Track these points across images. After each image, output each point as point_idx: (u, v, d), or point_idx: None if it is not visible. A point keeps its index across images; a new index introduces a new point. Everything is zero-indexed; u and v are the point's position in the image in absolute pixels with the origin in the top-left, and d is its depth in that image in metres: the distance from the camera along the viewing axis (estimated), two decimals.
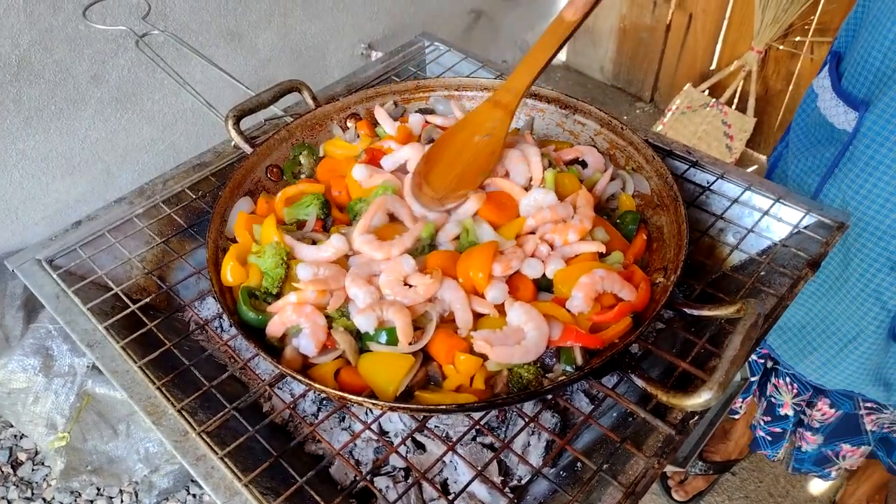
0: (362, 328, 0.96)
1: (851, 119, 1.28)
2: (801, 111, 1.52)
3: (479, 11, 3.36)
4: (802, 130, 1.48)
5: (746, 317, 0.86)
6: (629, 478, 0.89)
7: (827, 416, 1.77)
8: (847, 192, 1.30)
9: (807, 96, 1.50)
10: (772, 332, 1.63)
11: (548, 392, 0.91)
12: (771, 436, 1.97)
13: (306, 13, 2.45)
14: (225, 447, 0.92)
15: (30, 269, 1.19)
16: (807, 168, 1.41)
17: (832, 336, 1.50)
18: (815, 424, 1.81)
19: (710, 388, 0.80)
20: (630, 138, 1.23)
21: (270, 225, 1.07)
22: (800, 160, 1.44)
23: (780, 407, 1.85)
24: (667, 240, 1.10)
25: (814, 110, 1.43)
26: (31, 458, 2.36)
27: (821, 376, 1.58)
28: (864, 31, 1.25)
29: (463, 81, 1.39)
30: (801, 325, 1.55)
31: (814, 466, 1.91)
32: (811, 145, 1.42)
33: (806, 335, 1.55)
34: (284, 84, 1.31)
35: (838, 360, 1.52)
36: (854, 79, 1.29)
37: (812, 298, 1.49)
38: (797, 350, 1.59)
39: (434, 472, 1.09)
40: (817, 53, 3.03)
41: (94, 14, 1.78)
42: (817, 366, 1.57)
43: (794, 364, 1.62)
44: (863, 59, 1.25)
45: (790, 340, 1.60)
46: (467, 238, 1.07)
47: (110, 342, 1.06)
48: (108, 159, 2.14)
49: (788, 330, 1.59)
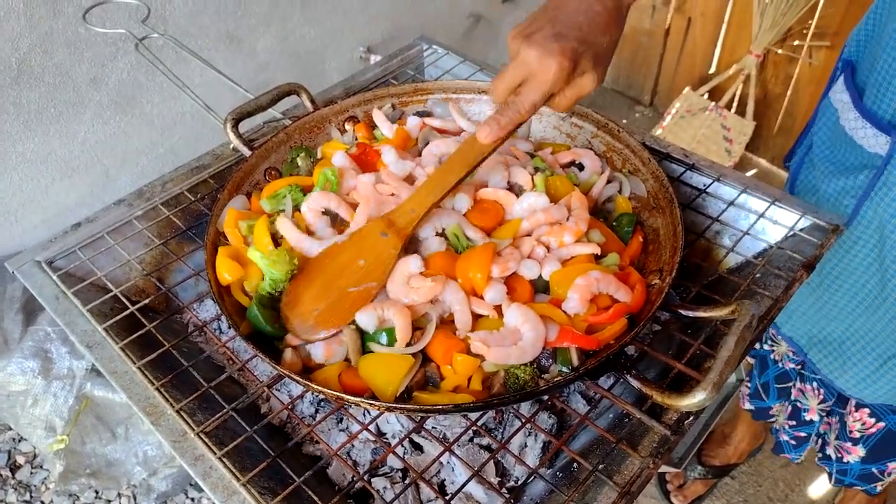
0: (363, 326, 0.97)
1: (883, 143, 1.26)
2: (821, 125, 1.49)
3: (478, 15, 3.37)
4: (828, 148, 1.45)
5: (740, 318, 0.86)
6: (624, 478, 0.90)
7: (868, 427, 1.76)
8: (883, 216, 1.30)
9: (825, 109, 1.47)
10: (813, 347, 1.64)
11: (544, 392, 0.91)
12: (795, 440, 1.97)
13: (305, 17, 2.46)
14: (223, 447, 0.93)
15: (29, 271, 1.20)
16: (840, 189, 1.40)
17: (872, 352, 1.50)
18: (855, 434, 1.79)
19: (704, 389, 0.80)
20: (626, 141, 1.24)
21: (262, 230, 1.07)
22: (831, 180, 1.42)
23: (806, 412, 1.85)
24: (663, 242, 1.11)
25: (836, 126, 1.40)
26: (29, 461, 2.36)
27: (861, 391, 1.58)
28: (884, 51, 1.22)
29: (460, 84, 1.40)
30: (842, 341, 1.55)
31: (858, 481, 1.90)
32: (843, 167, 1.40)
33: (846, 351, 1.56)
34: (283, 87, 1.32)
35: (878, 375, 1.52)
36: (879, 99, 1.26)
37: (852, 316, 1.49)
38: (837, 364, 1.59)
39: (431, 473, 1.10)
40: (816, 57, 3.04)
41: (94, 17, 1.78)
42: (857, 381, 1.57)
43: (835, 378, 1.62)
44: (885, 79, 1.23)
45: (830, 355, 1.60)
46: (459, 243, 1.08)
47: (109, 343, 1.06)
48: (107, 162, 2.14)
49: (829, 345, 1.59)
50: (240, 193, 1.19)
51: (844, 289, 1.46)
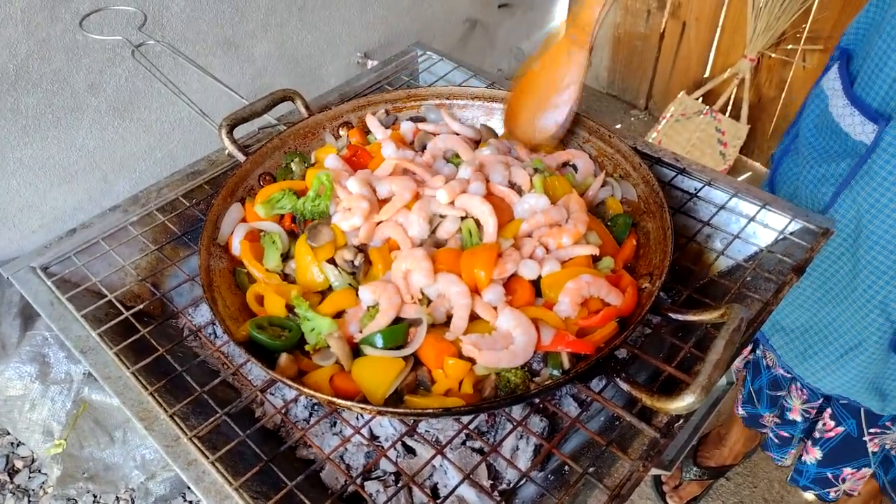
0: (363, 301, 1.01)
1: (869, 131, 1.26)
2: (809, 112, 1.49)
3: (475, 20, 3.39)
4: (813, 135, 1.46)
5: (730, 321, 0.87)
6: (615, 480, 0.90)
7: (828, 429, 1.77)
8: (862, 206, 1.30)
9: (815, 97, 1.47)
10: (775, 333, 1.65)
11: (534, 396, 0.92)
12: (779, 439, 1.97)
13: (302, 23, 2.47)
14: (216, 452, 0.93)
15: (24, 277, 1.20)
16: (820, 177, 1.40)
17: (834, 342, 1.51)
18: (816, 435, 1.81)
19: (693, 392, 0.81)
20: (617, 146, 1.25)
21: (278, 304, 1.06)
22: (813, 167, 1.43)
23: (790, 411, 1.85)
24: (653, 245, 1.12)
25: (825, 113, 1.40)
26: (27, 465, 2.36)
27: (819, 380, 1.59)
28: (881, 38, 1.22)
29: (454, 90, 1.41)
30: (805, 329, 1.56)
31: (812, 484, 1.90)
32: (826, 154, 1.41)
33: (808, 339, 1.57)
34: (277, 93, 1.33)
35: (838, 366, 1.53)
36: (869, 86, 1.27)
37: (818, 304, 1.50)
38: (798, 352, 1.61)
39: (424, 476, 1.10)
40: (809, 61, 3.06)
41: (91, 24, 1.80)
42: (816, 370, 1.58)
43: (794, 366, 1.63)
44: (878, 67, 1.23)
45: (792, 342, 1.62)
46: (471, 239, 1.09)
47: (103, 348, 1.07)
48: (105, 167, 2.15)
49: (792, 332, 1.61)
50: (234, 199, 1.20)
51: (813, 277, 1.46)
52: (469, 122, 1.41)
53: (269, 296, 1.04)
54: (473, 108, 1.41)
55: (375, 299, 1.00)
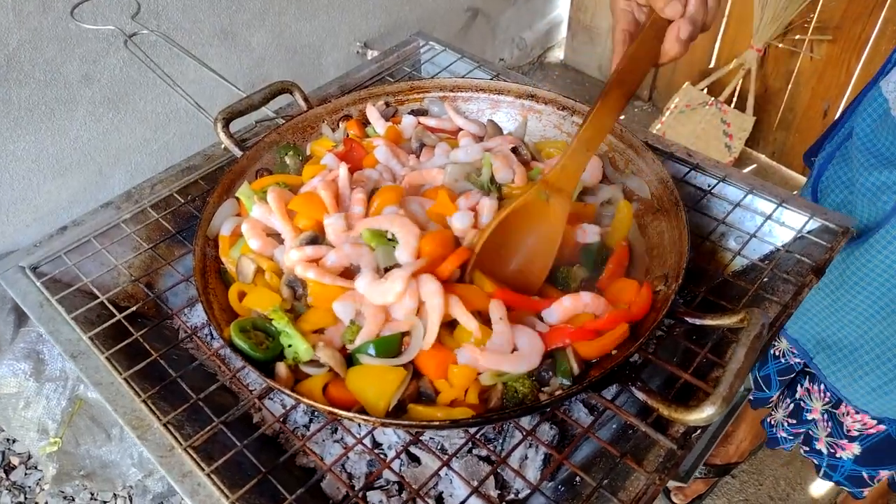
0: (340, 316, 0.95)
1: None
2: (866, 115, 1.40)
3: (476, 9, 3.33)
4: (871, 139, 1.37)
5: (750, 327, 0.83)
6: (630, 495, 0.86)
7: (868, 427, 1.68)
8: None
9: (872, 100, 1.39)
10: (820, 352, 1.57)
11: (544, 407, 0.88)
12: (792, 436, 1.93)
13: (301, 11, 2.42)
14: (212, 463, 0.89)
15: (13, 277, 1.16)
16: (880, 184, 1.32)
17: (888, 363, 1.43)
18: (853, 433, 1.74)
19: (713, 403, 0.77)
20: (629, 140, 1.20)
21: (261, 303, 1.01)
22: (871, 174, 1.34)
23: (809, 412, 1.80)
24: (668, 246, 1.07)
25: (886, 116, 1.32)
26: (23, 462, 2.33)
27: (868, 402, 1.51)
28: None
29: (458, 82, 1.36)
30: (854, 347, 1.48)
31: (846, 481, 1.84)
32: (886, 160, 1.32)
33: (857, 358, 1.48)
34: (275, 85, 1.28)
35: (889, 388, 1.46)
36: None
37: (871, 321, 1.41)
38: (847, 373, 1.52)
39: (429, 486, 1.06)
40: (817, 52, 3.00)
41: (84, 13, 1.74)
42: (866, 392, 1.50)
43: (841, 387, 1.55)
44: None
45: (839, 362, 1.53)
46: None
47: (95, 353, 1.03)
48: (100, 160, 2.11)
49: (839, 350, 1.52)
50: (230, 196, 1.15)
51: (867, 291, 1.38)
52: (473, 115, 1.36)
53: (251, 295, 1.01)
54: (478, 101, 1.36)
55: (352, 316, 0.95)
